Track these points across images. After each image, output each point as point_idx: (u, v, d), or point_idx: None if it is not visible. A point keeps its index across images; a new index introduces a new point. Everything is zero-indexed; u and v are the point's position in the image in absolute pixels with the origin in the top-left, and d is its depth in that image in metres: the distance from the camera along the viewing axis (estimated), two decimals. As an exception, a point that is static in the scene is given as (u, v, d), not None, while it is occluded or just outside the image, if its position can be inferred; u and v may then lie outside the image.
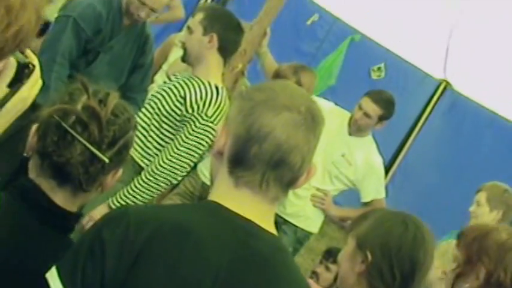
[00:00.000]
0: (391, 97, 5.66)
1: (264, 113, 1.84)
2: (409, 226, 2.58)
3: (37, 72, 1.64)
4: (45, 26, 6.75)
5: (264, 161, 1.83)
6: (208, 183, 5.16)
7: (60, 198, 2.02)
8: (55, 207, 2.01)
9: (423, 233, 2.59)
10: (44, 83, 4.32)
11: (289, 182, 1.89)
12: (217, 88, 4.24)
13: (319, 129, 1.91)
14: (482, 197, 4.87)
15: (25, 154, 2.08)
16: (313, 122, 1.88)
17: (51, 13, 5.95)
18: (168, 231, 1.77)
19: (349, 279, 2.60)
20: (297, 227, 5.45)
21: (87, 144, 1.95)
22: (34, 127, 2.05)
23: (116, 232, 1.74)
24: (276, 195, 1.88)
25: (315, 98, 1.93)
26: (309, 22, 9.05)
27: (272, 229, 1.90)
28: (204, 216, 1.85)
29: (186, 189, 4.98)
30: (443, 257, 3.28)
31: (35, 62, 1.64)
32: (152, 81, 5.38)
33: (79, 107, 1.99)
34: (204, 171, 5.12)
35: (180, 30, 6.77)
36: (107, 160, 1.98)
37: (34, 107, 4.40)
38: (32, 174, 2.04)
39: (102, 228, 1.78)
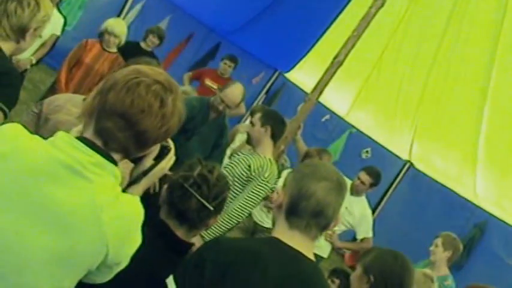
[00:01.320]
0: (380, 172, 5.62)
1: (310, 181, 1.87)
2: (398, 259, 2.57)
3: (172, 152, 1.67)
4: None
5: (309, 212, 1.85)
6: (258, 222, 5.15)
7: (181, 233, 2.03)
8: (177, 238, 2.02)
9: (407, 264, 2.59)
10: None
11: (324, 227, 1.89)
12: (270, 160, 4.22)
13: (344, 192, 1.93)
14: (439, 241, 4.79)
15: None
16: (341, 188, 1.91)
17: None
18: (246, 255, 1.79)
19: None
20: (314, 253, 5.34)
21: (200, 198, 1.98)
22: (165, 186, 2.08)
23: (212, 254, 1.76)
24: (316, 235, 1.89)
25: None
26: (323, 120, 9.09)
27: (312, 257, 1.89)
28: (269, 247, 1.85)
29: (244, 225, 4.94)
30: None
31: (171, 145, 1.68)
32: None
33: (195, 174, 2.02)
34: (256, 214, 5.11)
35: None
36: (212, 208, 1.99)
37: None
38: (163, 216, 2.05)
39: (203, 251, 1.80)
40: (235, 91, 4.76)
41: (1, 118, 2.24)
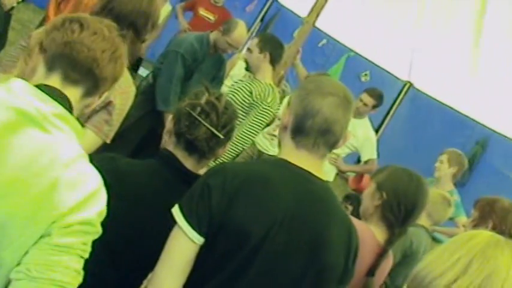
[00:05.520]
0: (382, 92, 5.54)
1: (315, 97, 1.80)
2: (413, 178, 2.50)
3: None
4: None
5: (316, 130, 1.79)
6: (262, 150, 5.12)
7: (189, 164, 1.98)
8: (186, 169, 1.97)
9: (422, 183, 2.51)
10: (165, 96, 4.31)
11: (332, 144, 1.84)
12: (271, 85, 4.21)
13: (351, 108, 1.86)
14: (444, 157, 4.78)
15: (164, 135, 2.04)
16: (348, 103, 1.84)
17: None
18: (254, 178, 1.74)
19: (369, 210, 2.52)
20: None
21: (209, 127, 1.92)
22: (170, 117, 2.02)
23: (218, 180, 1.70)
24: (324, 153, 1.84)
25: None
26: (320, 44, 8.95)
27: (322, 177, 1.85)
28: (277, 168, 1.81)
29: (247, 154, 4.91)
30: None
31: None
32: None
33: (203, 101, 1.95)
34: (259, 142, 5.08)
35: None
36: (222, 136, 1.94)
37: (157, 112, 4.35)
38: (170, 147, 2.00)
39: (208, 178, 1.74)
40: (242, 33, 4.66)
41: None
